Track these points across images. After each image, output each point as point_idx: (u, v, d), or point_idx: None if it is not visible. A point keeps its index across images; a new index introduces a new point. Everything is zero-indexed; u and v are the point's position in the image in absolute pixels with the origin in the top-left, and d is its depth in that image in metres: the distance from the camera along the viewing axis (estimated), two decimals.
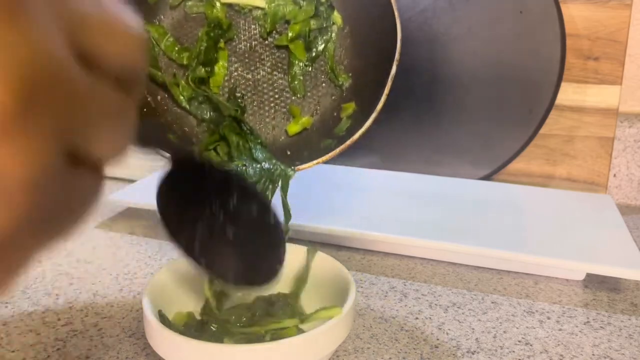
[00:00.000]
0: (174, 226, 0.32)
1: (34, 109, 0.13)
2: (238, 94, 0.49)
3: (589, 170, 0.73)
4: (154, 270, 0.53)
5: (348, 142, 0.44)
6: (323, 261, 0.43)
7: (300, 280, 0.43)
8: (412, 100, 0.71)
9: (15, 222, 0.14)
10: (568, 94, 0.71)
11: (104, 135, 0.16)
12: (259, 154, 0.45)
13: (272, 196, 0.43)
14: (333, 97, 0.50)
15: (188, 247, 0.33)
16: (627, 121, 0.71)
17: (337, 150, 0.43)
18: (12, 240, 0.14)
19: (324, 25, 0.49)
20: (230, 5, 0.49)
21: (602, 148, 0.72)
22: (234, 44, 0.49)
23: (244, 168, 0.43)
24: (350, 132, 0.45)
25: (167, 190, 0.30)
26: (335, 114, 0.49)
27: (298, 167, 0.44)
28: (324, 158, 0.44)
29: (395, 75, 0.44)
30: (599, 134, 0.71)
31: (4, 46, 0.13)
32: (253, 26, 0.50)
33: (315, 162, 0.44)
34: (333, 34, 0.49)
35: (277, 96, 0.50)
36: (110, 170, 0.18)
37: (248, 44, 0.50)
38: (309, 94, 0.50)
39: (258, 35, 0.50)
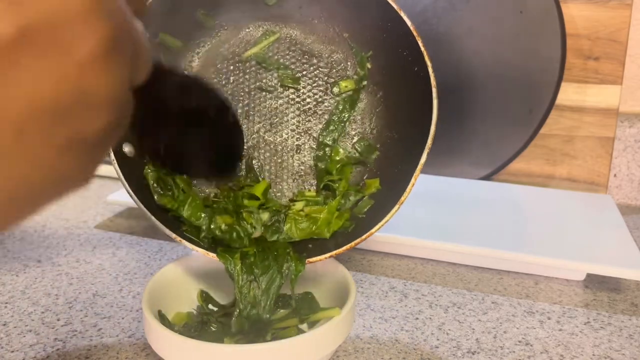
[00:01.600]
0: (140, 130, 0.35)
1: (119, 41, 0.18)
2: (256, 166, 0.46)
3: (589, 170, 0.73)
4: (153, 270, 0.53)
5: (364, 236, 0.40)
6: (323, 261, 0.43)
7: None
8: None
9: (105, 125, 0.19)
10: (568, 94, 0.71)
11: (141, 55, 0.21)
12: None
13: (277, 292, 0.40)
14: (358, 169, 0.47)
15: (153, 152, 0.37)
16: (628, 121, 0.71)
17: (352, 244, 0.41)
18: (100, 139, 0.19)
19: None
20: (258, 63, 0.47)
21: (603, 148, 0.72)
22: (258, 102, 0.47)
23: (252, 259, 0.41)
24: (370, 217, 0.43)
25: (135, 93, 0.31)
26: (359, 185, 0.46)
27: (309, 260, 0.40)
28: (338, 251, 0.41)
29: (424, 163, 0.41)
30: (599, 134, 0.71)
31: (98, 5, 0.17)
32: (280, 88, 0.47)
33: (327, 255, 0.40)
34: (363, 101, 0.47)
35: (297, 165, 0.47)
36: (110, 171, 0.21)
37: (272, 103, 0.47)
38: None
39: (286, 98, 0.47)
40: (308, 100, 0.47)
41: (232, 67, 0.46)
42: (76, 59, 0.17)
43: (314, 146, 0.47)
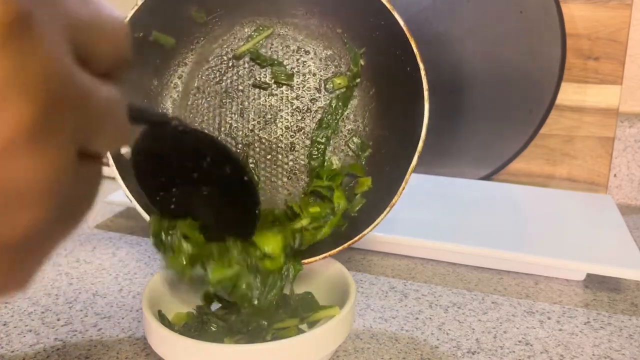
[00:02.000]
0: (149, 185, 0.34)
1: (51, 119, 0.14)
2: (252, 163, 0.46)
3: (589, 170, 0.73)
4: (153, 270, 0.53)
5: (356, 238, 0.41)
6: (323, 261, 0.43)
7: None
8: None
9: (36, 224, 0.15)
10: (568, 94, 0.71)
11: (105, 127, 0.17)
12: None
13: (279, 292, 0.40)
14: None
15: (163, 205, 0.35)
16: (628, 121, 0.71)
17: (345, 245, 0.41)
18: (34, 240, 0.15)
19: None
20: (252, 60, 0.47)
21: (603, 148, 0.72)
22: (252, 99, 0.47)
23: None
24: (362, 217, 0.43)
25: (142, 149, 0.30)
26: (351, 184, 0.46)
27: (304, 261, 0.41)
28: (331, 253, 0.41)
29: (415, 166, 0.41)
30: (599, 134, 0.71)
31: (21, 65, 0.13)
32: (274, 85, 0.47)
33: (322, 256, 0.41)
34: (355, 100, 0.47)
35: (292, 163, 0.47)
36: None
37: (266, 100, 0.47)
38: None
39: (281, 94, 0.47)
40: (302, 97, 0.47)
41: (226, 64, 0.46)
42: None
43: (308, 144, 0.47)
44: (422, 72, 0.40)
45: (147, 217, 0.40)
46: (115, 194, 0.64)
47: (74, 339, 0.43)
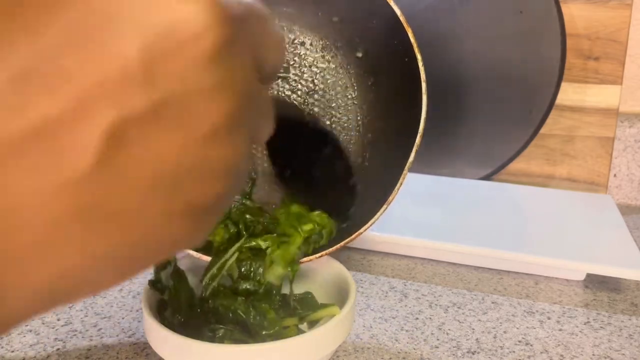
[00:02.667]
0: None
1: (241, 114, 0.18)
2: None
3: (589, 170, 0.73)
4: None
5: (353, 236, 0.40)
6: (323, 261, 0.43)
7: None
8: None
9: (222, 193, 0.19)
10: (568, 94, 0.71)
11: (263, 122, 0.21)
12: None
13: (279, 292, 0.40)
14: (352, 147, 0.46)
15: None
16: (628, 121, 0.71)
17: (342, 243, 0.40)
18: (216, 205, 0.19)
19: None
20: None
21: (603, 148, 0.72)
22: None
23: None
24: (360, 215, 0.42)
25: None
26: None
27: (301, 260, 0.40)
28: (328, 251, 0.40)
29: (412, 162, 0.40)
30: (599, 134, 0.71)
31: (229, 73, 0.17)
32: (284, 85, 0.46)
33: (318, 255, 0.40)
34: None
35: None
36: None
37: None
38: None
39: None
40: (298, 90, 0.46)
41: None
42: (198, 134, 0.17)
43: None
44: (420, 63, 0.38)
45: None
46: None
47: (74, 339, 0.43)
